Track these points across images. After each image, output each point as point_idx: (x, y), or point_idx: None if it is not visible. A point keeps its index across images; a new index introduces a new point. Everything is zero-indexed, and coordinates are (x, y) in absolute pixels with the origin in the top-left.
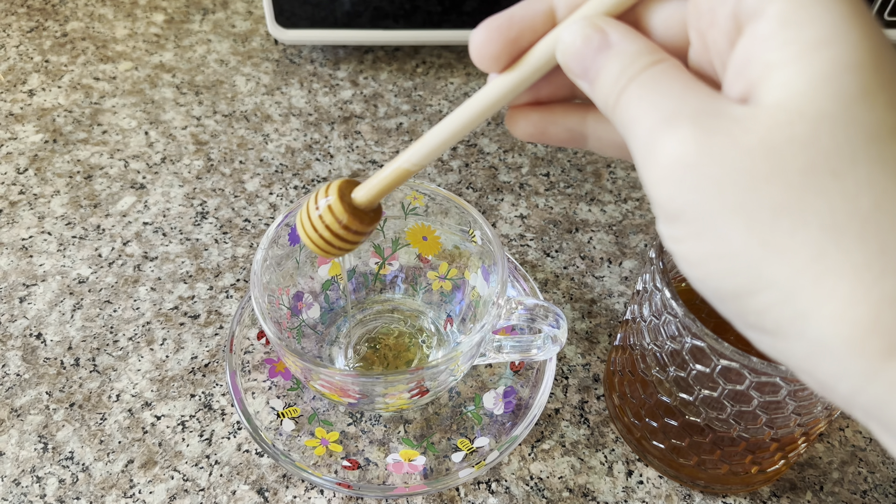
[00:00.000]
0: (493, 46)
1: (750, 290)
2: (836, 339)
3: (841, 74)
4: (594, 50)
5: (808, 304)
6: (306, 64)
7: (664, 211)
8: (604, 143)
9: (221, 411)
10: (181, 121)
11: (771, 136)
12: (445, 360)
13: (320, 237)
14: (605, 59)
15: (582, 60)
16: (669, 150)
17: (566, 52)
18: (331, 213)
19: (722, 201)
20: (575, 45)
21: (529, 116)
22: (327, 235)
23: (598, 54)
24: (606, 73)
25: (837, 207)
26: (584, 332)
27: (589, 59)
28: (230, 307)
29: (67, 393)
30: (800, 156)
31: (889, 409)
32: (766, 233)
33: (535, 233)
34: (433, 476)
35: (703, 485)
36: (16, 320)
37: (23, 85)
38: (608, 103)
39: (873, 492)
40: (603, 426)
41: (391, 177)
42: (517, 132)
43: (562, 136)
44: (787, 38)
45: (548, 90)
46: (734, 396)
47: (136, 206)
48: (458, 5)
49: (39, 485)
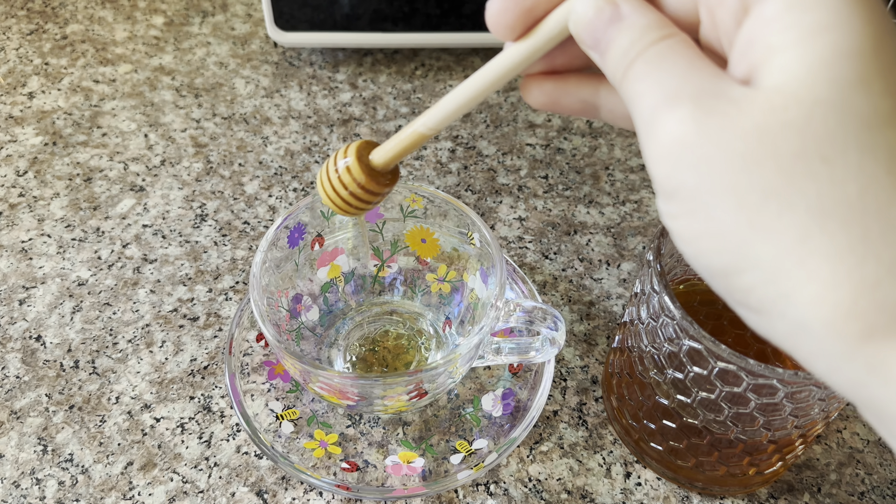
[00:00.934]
0: (508, 15)
1: (737, 268)
2: (816, 321)
3: (839, 60)
4: (605, 21)
5: (790, 285)
6: (305, 66)
7: (662, 188)
8: (615, 115)
9: (220, 413)
10: (180, 123)
11: (766, 120)
12: (444, 363)
13: (338, 196)
14: (615, 31)
15: (593, 31)
16: (669, 128)
17: (578, 22)
18: (349, 172)
19: (715, 181)
20: (587, 16)
21: (543, 85)
22: (345, 194)
23: (609, 26)
24: (616, 45)
25: (825, 192)
26: (583, 335)
27: (600, 31)
28: (229, 309)
29: (67, 395)
30: (792, 140)
31: (866, 390)
32: (755, 214)
33: (533, 235)
34: (432, 478)
35: (701, 486)
36: (15, 322)
37: (22, 87)
38: (616, 76)
39: (871, 493)
40: (601, 428)
41: (407, 140)
42: (531, 100)
43: (575, 106)
44: (790, 22)
45: (563, 59)
46: (731, 398)
47: (136, 209)
48: (457, 8)
49: (39, 487)
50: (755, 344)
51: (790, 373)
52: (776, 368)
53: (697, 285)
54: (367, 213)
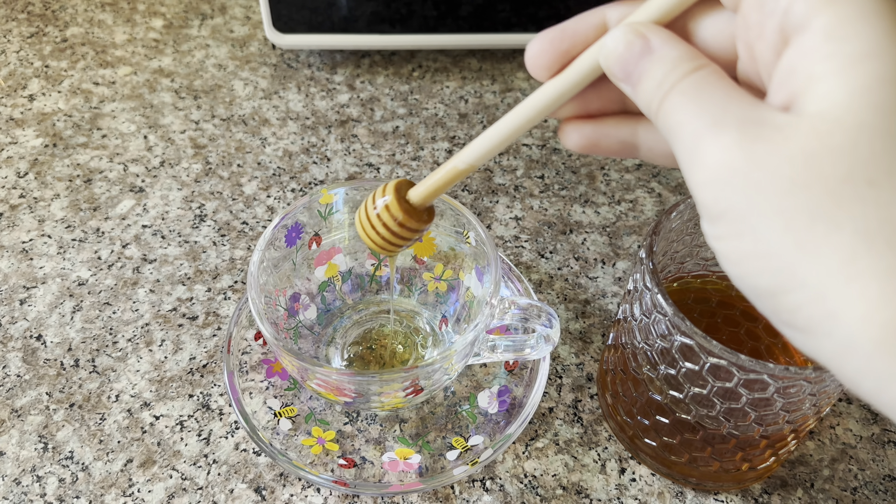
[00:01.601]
0: (546, 57)
1: (784, 288)
2: (864, 339)
3: (881, 86)
4: (636, 55)
5: (838, 305)
6: (304, 68)
7: (708, 212)
8: (655, 153)
9: (219, 411)
10: (180, 125)
11: (811, 145)
12: (440, 359)
13: (378, 234)
14: (647, 63)
15: (624, 65)
16: (714, 154)
17: (609, 56)
18: (387, 211)
19: (763, 204)
20: (618, 50)
21: (582, 128)
22: (384, 233)
23: (640, 59)
24: (649, 77)
25: (871, 214)
26: (578, 332)
27: (631, 64)
28: (228, 308)
29: (67, 393)
30: (838, 164)
31: None
32: (803, 235)
33: (529, 234)
34: (428, 474)
35: (695, 482)
36: (16, 322)
37: (23, 90)
38: (651, 107)
39: (863, 489)
40: (596, 425)
41: (444, 177)
42: (570, 143)
43: (613, 147)
44: (831, 52)
45: (598, 104)
46: (723, 394)
47: (135, 210)
48: (454, 10)
49: (40, 484)
50: (749, 341)
51: (781, 368)
52: (767, 363)
53: (691, 283)
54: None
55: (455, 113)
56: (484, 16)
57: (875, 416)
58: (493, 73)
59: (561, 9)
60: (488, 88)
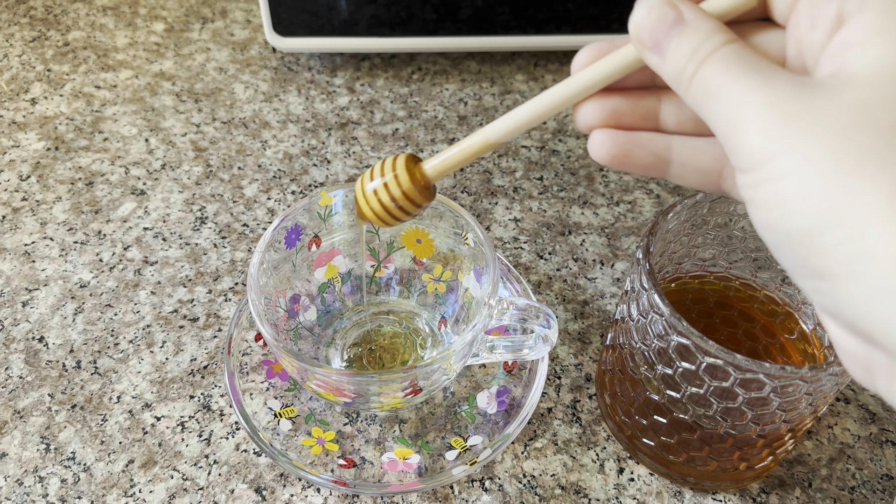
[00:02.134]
0: (591, 61)
1: (821, 228)
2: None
3: None
4: (668, 24)
5: (875, 243)
6: (304, 71)
7: (752, 160)
8: (687, 170)
9: (220, 412)
10: (181, 128)
11: (865, 94)
12: (438, 359)
13: (379, 203)
14: (678, 33)
15: (654, 33)
16: (770, 104)
17: (639, 23)
18: (396, 180)
19: (814, 147)
20: (649, 18)
21: (616, 137)
22: (387, 202)
23: (671, 28)
24: (680, 46)
25: None
26: (577, 333)
27: (662, 33)
28: (229, 310)
29: (69, 395)
30: (892, 111)
31: None
32: (850, 175)
33: (528, 236)
34: (427, 474)
35: (694, 481)
36: (18, 324)
37: (25, 93)
38: (685, 74)
39: (861, 488)
40: (595, 425)
41: (468, 150)
42: (602, 152)
43: (646, 160)
44: (885, 24)
45: (631, 118)
46: (720, 393)
47: (137, 212)
48: (453, 13)
49: (42, 485)
50: (746, 342)
51: (777, 367)
52: (763, 363)
53: (689, 284)
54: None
55: (454, 115)
56: (483, 19)
57: (873, 416)
58: (493, 76)
59: (560, 11)
60: (487, 91)
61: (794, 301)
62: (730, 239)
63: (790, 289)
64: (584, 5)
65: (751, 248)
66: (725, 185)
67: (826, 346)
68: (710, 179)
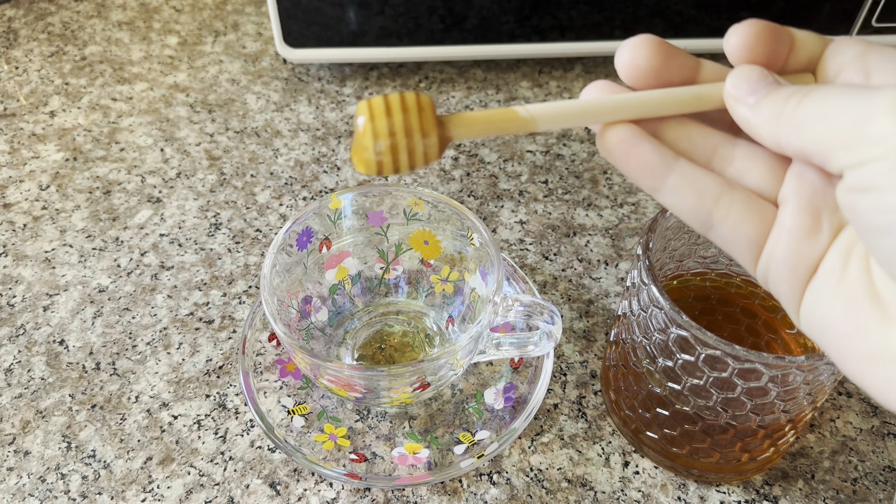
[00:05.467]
0: (649, 59)
1: None
2: None
3: None
4: (767, 82)
5: None
6: (314, 81)
7: (871, 166)
8: (736, 232)
9: (235, 410)
10: (195, 137)
11: None
12: (445, 354)
13: (389, 138)
14: (774, 87)
15: (752, 85)
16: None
17: (740, 74)
18: (419, 115)
19: None
20: (753, 72)
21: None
22: (400, 138)
23: (769, 84)
24: (777, 94)
25: None
26: (582, 331)
27: (761, 86)
28: (243, 312)
29: (89, 395)
30: None
31: None
32: None
33: (534, 237)
34: (437, 468)
35: (697, 474)
36: (40, 328)
37: (44, 106)
38: (785, 109)
39: (863, 479)
40: (600, 420)
41: (497, 115)
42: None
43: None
44: None
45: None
46: (719, 384)
47: (153, 219)
48: (459, 23)
49: (63, 481)
50: (749, 337)
51: (773, 356)
52: (760, 353)
53: (690, 281)
54: (384, 173)
55: None
56: (488, 28)
57: (875, 409)
58: (498, 83)
59: (563, 20)
60: (493, 97)
61: None
62: None
63: None
64: (587, 14)
65: None
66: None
67: None
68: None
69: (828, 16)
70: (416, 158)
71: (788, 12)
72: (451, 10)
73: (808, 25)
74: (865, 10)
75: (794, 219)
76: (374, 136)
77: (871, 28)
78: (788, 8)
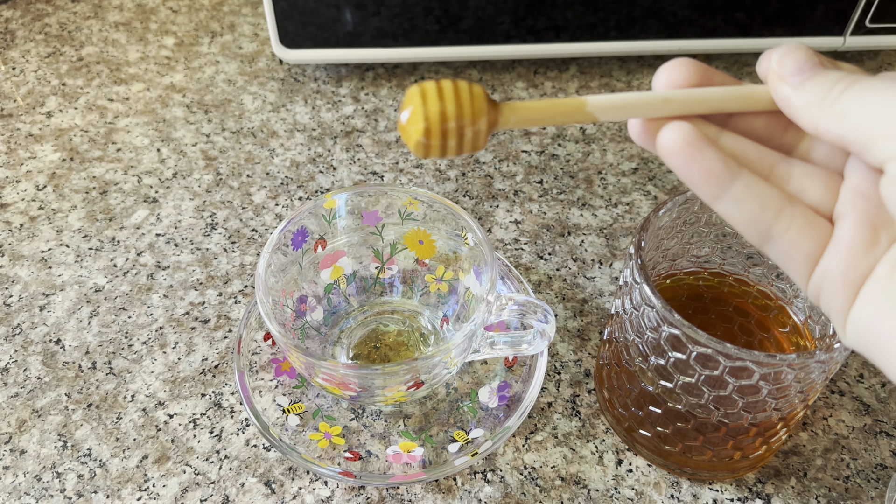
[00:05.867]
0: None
1: None
2: None
3: None
4: (814, 63)
5: None
6: (310, 82)
7: None
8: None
9: (230, 409)
10: (191, 138)
11: None
12: (439, 352)
13: (443, 118)
14: (820, 70)
15: (799, 64)
16: None
17: (787, 52)
18: (471, 99)
19: None
20: (799, 52)
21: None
22: (451, 124)
23: (815, 66)
24: (822, 77)
25: None
26: (576, 330)
27: (807, 66)
28: (238, 312)
29: (85, 394)
30: None
31: None
32: None
33: (528, 237)
34: (431, 466)
35: (691, 472)
36: (36, 327)
37: (41, 107)
38: (830, 94)
39: (856, 477)
40: (594, 418)
41: (556, 104)
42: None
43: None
44: None
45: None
46: (711, 382)
47: (149, 219)
48: (455, 24)
49: (59, 480)
50: (742, 336)
51: (764, 354)
52: (751, 351)
53: (683, 280)
54: (430, 157)
55: None
56: (484, 28)
57: (867, 408)
58: (493, 84)
59: (558, 20)
60: None
61: (787, 295)
62: (723, 236)
63: (783, 283)
64: (582, 14)
65: (743, 245)
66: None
67: (817, 338)
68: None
69: (821, 17)
70: (465, 144)
71: (782, 13)
72: (447, 11)
73: (802, 26)
74: (859, 11)
75: (853, 233)
76: (424, 120)
77: (864, 29)
78: (782, 9)
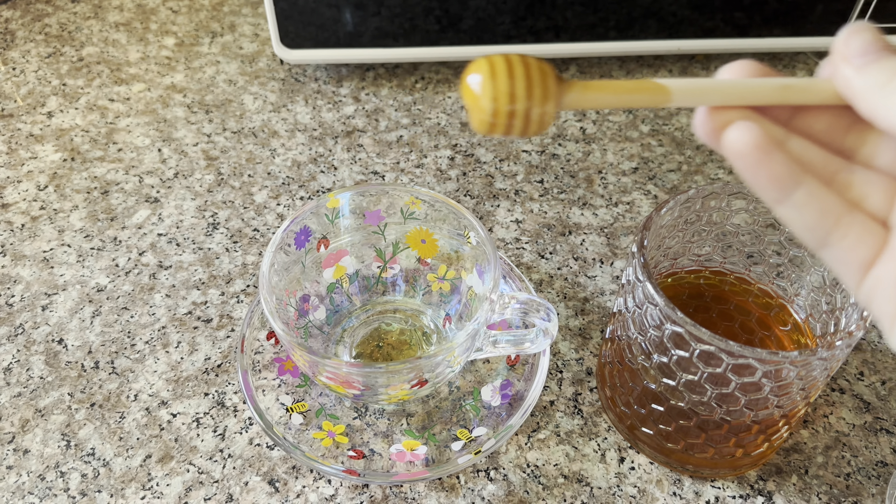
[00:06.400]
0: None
1: None
2: None
3: None
4: (880, 46)
5: None
6: (311, 82)
7: None
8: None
9: (234, 408)
10: (192, 138)
11: None
12: (443, 351)
13: (512, 97)
14: (885, 54)
15: (865, 45)
16: None
17: (853, 32)
18: (542, 78)
19: None
20: (866, 34)
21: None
22: (521, 106)
23: (881, 49)
24: (887, 62)
25: None
26: (578, 329)
27: (872, 48)
28: (241, 311)
29: (88, 394)
30: None
31: None
32: None
33: (530, 236)
34: (434, 464)
35: (692, 469)
36: (39, 327)
37: (42, 107)
38: (893, 80)
39: (857, 474)
40: (596, 416)
41: (629, 84)
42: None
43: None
44: None
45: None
46: (714, 380)
47: (151, 219)
48: (455, 24)
49: (63, 479)
50: (743, 334)
51: (766, 352)
52: (754, 349)
53: (685, 278)
54: (494, 134)
55: (457, 122)
56: (484, 28)
57: (867, 406)
58: None
59: (558, 20)
60: None
61: (788, 293)
62: (724, 235)
63: (783, 282)
64: (582, 14)
65: (744, 243)
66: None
67: (818, 336)
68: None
69: (820, 16)
70: (531, 126)
71: (781, 13)
72: (447, 11)
73: (801, 26)
74: (857, 11)
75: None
76: (492, 99)
77: None
78: (781, 9)
